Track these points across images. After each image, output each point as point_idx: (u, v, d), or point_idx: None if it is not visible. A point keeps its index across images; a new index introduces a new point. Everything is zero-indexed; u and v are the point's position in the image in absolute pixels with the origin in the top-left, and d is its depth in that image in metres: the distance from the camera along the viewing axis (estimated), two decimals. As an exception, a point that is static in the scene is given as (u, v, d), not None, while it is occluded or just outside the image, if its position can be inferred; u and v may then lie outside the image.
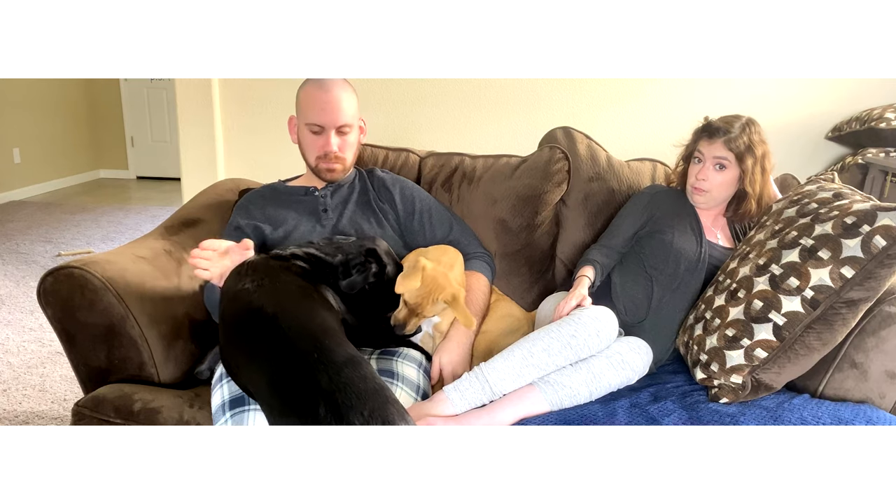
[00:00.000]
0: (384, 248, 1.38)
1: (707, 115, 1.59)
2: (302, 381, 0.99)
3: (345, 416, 0.94)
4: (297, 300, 1.16)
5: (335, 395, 0.96)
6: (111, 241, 4.14)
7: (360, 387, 0.98)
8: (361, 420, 0.94)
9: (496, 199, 1.77)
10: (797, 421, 1.19)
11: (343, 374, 0.99)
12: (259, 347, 1.07)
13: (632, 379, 1.33)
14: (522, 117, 2.89)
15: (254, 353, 1.07)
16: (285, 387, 1.00)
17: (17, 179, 5.37)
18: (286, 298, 1.15)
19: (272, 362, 1.04)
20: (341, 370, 1.00)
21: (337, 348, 1.05)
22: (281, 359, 1.03)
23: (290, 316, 1.09)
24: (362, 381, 1.00)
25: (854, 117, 2.58)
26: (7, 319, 2.84)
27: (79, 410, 1.28)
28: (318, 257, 1.30)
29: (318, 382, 0.97)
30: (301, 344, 1.04)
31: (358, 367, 1.03)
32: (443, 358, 1.38)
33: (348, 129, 1.55)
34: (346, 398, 0.95)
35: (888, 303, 1.25)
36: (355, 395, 0.96)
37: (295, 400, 0.98)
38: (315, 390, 0.97)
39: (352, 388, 0.97)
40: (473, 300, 1.51)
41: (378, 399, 0.98)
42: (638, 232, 1.63)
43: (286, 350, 1.04)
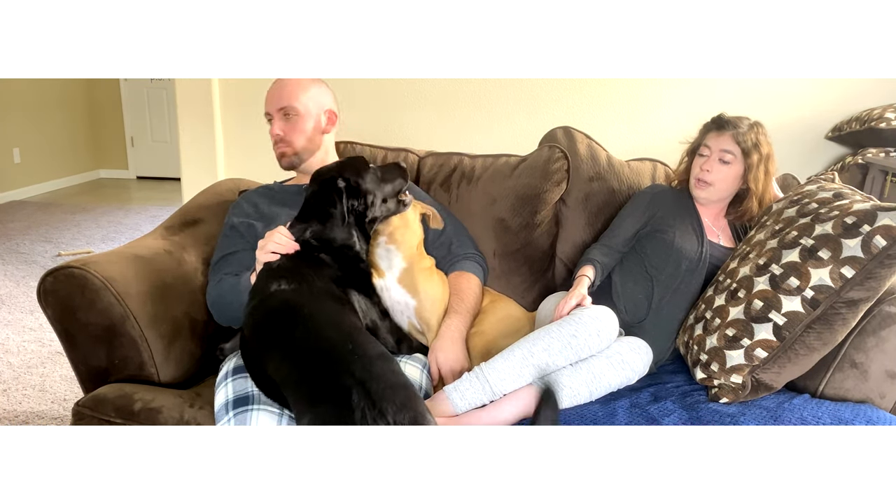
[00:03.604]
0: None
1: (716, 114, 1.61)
2: (336, 369, 1.03)
3: (377, 403, 0.97)
4: (331, 304, 1.22)
5: (368, 383, 0.99)
6: (111, 241, 4.14)
7: (392, 379, 1.03)
8: (394, 408, 0.97)
9: (495, 198, 1.77)
10: (797, 421, 1.19)
11: (376, 366, 1.04)
12: (293, 341, 1.11)
13: (632, 379, 1.33)
14: (522, 117, 2.89)
15: (286, 346, 1.11)
16: (318, 376, 1.04)
17: (17, 179, 5.37)
18: (322, 301, 1.20)
19: (306, 353, 1.08)
20: (374, 362, 1.04)
21: (369, 343, 1.10)
22: (315, 350, 1.08)
23: (325, 314, 1.15)
24: (393, 374, 1.05)
25: (854, 117, 2.58)
26: (7, 319, 2.84)
27: (79, 410, 1.28)
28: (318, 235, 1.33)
29: (352, 371, 1.01)
30: (336, 337, 1.09)
31: (390, 361, 1.08)
32: (438, 357, 1.38)
33: (293, 112, 1.57)
34: (378, 387, 0.99)
35: (888, 303, 1.25)
36: (388, 387, 1.00)
37: (328, 388, 1.01)
38: (349, 378, 1.00)
39: (384, 379, 1.01)
40: (465, 300, 1.51)
41: (408, 393, 1.02)
42: (639, 231, 1.63)
43: (321, 342, 1.09)
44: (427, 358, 1.42)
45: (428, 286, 1.46)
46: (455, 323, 1.44)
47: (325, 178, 1.37)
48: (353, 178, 1.35)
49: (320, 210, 1.34)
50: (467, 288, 1.54)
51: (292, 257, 1.29)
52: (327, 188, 1.34)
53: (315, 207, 1.35)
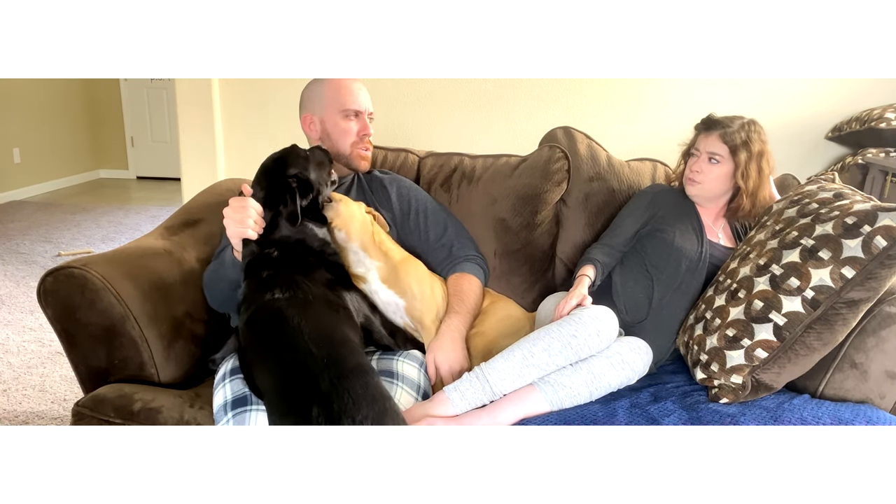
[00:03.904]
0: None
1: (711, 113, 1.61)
2: (304, 383, 1.03)
3: (336, 419, 0.97)
4: (326, 313, 1.21)
5: (331, 398, 0.99)
6: (111, 241, 4.13)
7: (360, 393, 1.01)
8: (351, 424, 0.97)
9: (496, 198, 1.78)
10: (797, 421, 1.19)
11: (346, 381, 1.02)
12: (276, 352, 1.10)
13: (632, 379, 1.33)
14: (522, 117, 2.89)
15: (270, 357, 1.11)
16: (290, 388, 1.04)
17: (17, 179, 5.37)
18: (315, 311, 1.19)
19: (284, 365, 1.08)
20: (345, 377, 1.03)
21: (349, 357, 1.09)
22: (292, 362, 1.07)
23: (313, 326, 1.13)
24: (363, 388, 1.03)
25: (854, 117, 2.58)
26: (7, 319, 2.84)
27: (79, 410, 1.28)
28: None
29: (318, 386, 1.01)
30: (316, 350, 1.08)
31: (363, 375, 1.06)
32: (438, 357, 1.38)
33: (372, 118, 1.67)
34: (341, 402, 0.98)
35: (888, 303, 1.25)
36: (352, 401, 0.99)
37: (295, 401, 1.02)
38: (314, 392, 1.00)
39: (350, 393, 1.00)
40: (465, 300, 1.51)
41: (375, 408, 1.01)
42: (639, 231, 1.63)
43: (299, 355, 1.07)
44: (425, 357, 1.42)
45: (412, 281, 1.45)
46: (455, 323, 1.44)
47: (276, 176, 1.38)
48: (302, 173, 1.38)
49: (284, 209, 1.35)
50: (468, 289, 1.54)
51: (281, 264, 1.28)
52: (282, 187, 1.36)
53: (277, 206, 1.35)
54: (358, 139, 1.63)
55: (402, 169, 1.87)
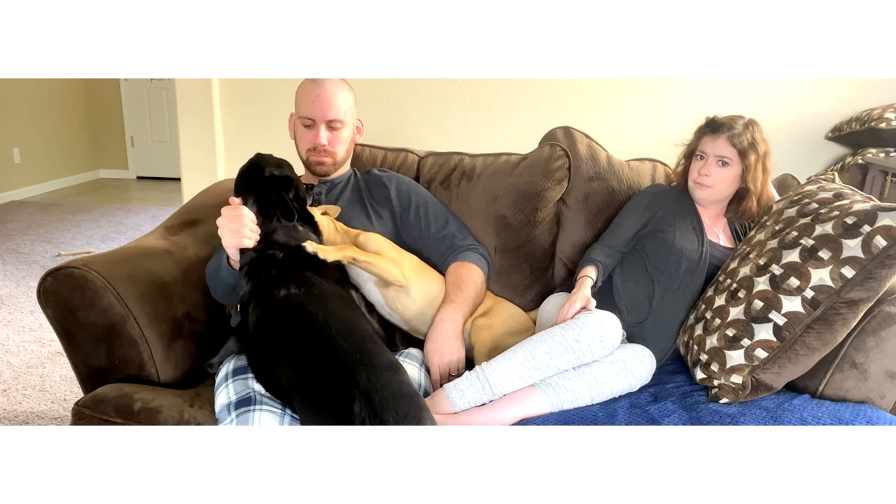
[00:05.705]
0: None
1: (708, 115, 1.60)
2: (341, 379, 1.03)
3: (379, 413, 0.98)
4: (344, 309, 1.22)
5: (371, 394, 1.00)
6: (111, 241, 4.13)
7: (397, 389, 1.03)
8: (395, 419, 0.98)
9: (496, 195, 1.77)
10: (797, 421, 1.19)
11: (382, 376, 1.04)
12: (303, 349, 1.11)
13: (634, 387, 1.33)
14: (522, 117, 2.89)
15: (297, 354, 1.11)
16: (325, 384, 1.05)
17: (17, 179, 5.37)
18: (335, 307, 1.20)
19: (316, 361, 1.08)
20: (381, 372, 1.04)
21: (379, 353, 1.11)
22: (325, 358, 1.08)
23: (339, 321, 1.14)
24: (399, 385, 1.05)
25: (854, 117, 2.58)
26: (7, 319, 2.84)
27: (79, 410, 1.28)
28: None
29: (357, 382, 1.01)
30: (347, 346, 1.09)
31: (397, 372, 1.08)
32: (433, 357, 1.37)
33: (339, 124, 1.59)
34: (382, 398, 1.00)
35: (888, 303, 1.25)
36: (392, 397, 1.01)
37: (332, 397, 1.02)
38: (353, 388, 1.01)
39: (389, 389, 1.02)
40: (463, 289, 1.49)
41: (413, 403, 1.03)
42: (639, 231, 1.63)
43: (331, 350, 1.08)
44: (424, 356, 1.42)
45: (409, 300, 1.42)
46: (448, 312, 1.42)
47: (255, 179, 1.39)
48: (279, 170, 1.40)
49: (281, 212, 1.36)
50: (467, 277, 1.52)
51: (286, 263, 1.28)
52: (265, 188, 1.37)
53: (269, 210, 1.36)
54: (311, 147, 1.59)
55: (401, 168, 1.87)
